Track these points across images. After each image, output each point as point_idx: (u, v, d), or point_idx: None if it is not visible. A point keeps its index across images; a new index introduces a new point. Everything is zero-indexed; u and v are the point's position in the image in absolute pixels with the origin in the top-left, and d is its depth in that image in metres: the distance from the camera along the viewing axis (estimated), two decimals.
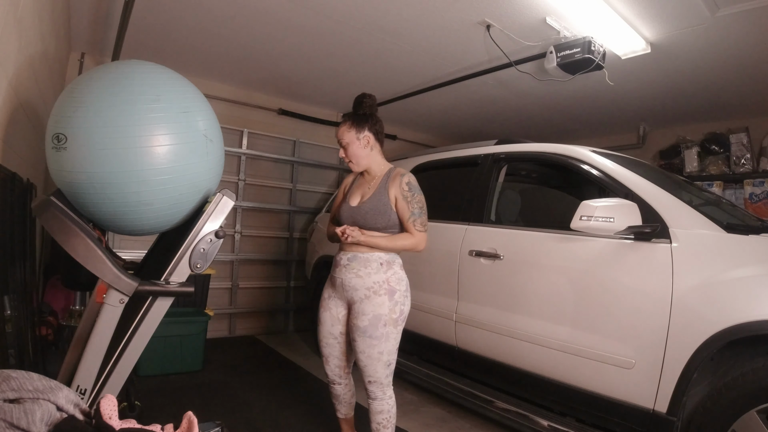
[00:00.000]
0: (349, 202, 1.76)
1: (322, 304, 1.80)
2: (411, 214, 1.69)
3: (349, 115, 1.77)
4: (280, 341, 3.88)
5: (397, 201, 1.69)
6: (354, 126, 1.73)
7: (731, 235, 1.58)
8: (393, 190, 1.70)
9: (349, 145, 1.73)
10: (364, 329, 1.64)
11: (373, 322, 1.63)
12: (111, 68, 1.21)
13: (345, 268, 1.69)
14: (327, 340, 1.80)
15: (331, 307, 1.78)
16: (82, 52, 3.14)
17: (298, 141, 4.30)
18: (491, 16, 2.35)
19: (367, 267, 1.66)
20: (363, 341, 1.65)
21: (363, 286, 1.66)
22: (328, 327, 1.78)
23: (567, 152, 2.14)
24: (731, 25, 2.24)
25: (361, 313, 1.65)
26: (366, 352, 1.65)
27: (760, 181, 3.44)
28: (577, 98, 3.53)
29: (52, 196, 1.12)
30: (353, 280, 1.67)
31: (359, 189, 1.79)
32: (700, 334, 1.48)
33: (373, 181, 1.77)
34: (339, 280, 1.72)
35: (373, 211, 1.68)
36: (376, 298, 1.64)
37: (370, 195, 1.72)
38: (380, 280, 1.66)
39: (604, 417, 1.76)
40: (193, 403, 2.40)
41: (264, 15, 2.50)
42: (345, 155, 1.76)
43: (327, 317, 1.78)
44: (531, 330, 1.98)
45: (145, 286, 1.15)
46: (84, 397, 1.13)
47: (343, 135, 1.74)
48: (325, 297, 1.80)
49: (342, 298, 1.74)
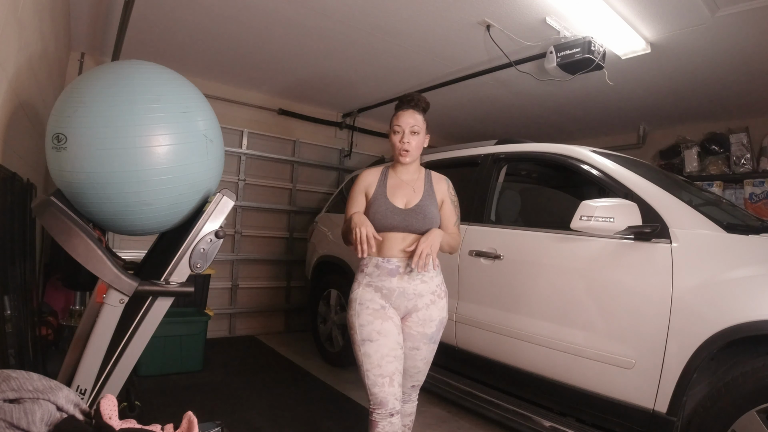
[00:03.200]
0: (395, 204, 1.58)
1: (376, 315, 1.52)
2: (457, 217, 1.69)
3: (420, 105, 1.61)
4: (280, 341, 3.88)
5: (444, 204, 1.65)
6: (425, 118, 1.62)
7: (731, 235, 1.58)
8: (440, 194, 1.65)
9: (419, 135, 1.58)
10: (431, 336, 1.58)
11: (439, 327, 1.60)
12: (111, 68, 1.21)
13: (407, 275, 1.54)
14: (396, 351, 1.51)
15: (392, 316, 1.54)
16: (82, 52, 3.14)
17: (298, 141, 4.30)
18: (491, 16, 2.35)
19: (429, 271, 1.58)
20: (428, 348, 1.59)
21: (428, 291, 1.57)
22: (395, 336, 1.51)
23: (567, 152, 2.14)
24: (731, 25, 2.24)
25: (429, 319, 1.57)
26: (427, 359, 1.62)
27: (760, 181, 3.43)
28: (577, 98, 3.53)
29: (52, 196, 1.12)
30: (419, 286, 1.55)
31: (398, 190, 1.62)
32: (700, 334, 1.48)
33: (415, 183, 1.64)
34: (398, 290, 1.54)
35: (430, 214, 1.58)
36: (440, 302, 1.60)
37: (421, 196, 1.61)
38: (439, 283, 1.62)
39: (604, 417, 1.76)
40: (193, 403, 2.40)
41: (264, 15, 2.50)
42: (406, 144, 1.56)
43: (392, 327, 1.52)
44: (531, 330, 1.97)
45: (145, 286, 1.15)
46: (84, 397, 1.13)
47: (419, 122, 1.58)
48: (376, 308, 1.53)
49: (398, 307, 1.56)
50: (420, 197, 1.61)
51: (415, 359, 1.60)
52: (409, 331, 1.57)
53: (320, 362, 3.30)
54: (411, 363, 1.60)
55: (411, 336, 1.57)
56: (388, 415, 1.45)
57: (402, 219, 1.56)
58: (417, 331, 1.57)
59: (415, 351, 1.59)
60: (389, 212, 1.56)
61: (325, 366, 3.22)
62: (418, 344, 1.58)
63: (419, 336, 1.57)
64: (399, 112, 1.60)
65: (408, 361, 1.59)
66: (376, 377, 1.46)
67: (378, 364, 1.46)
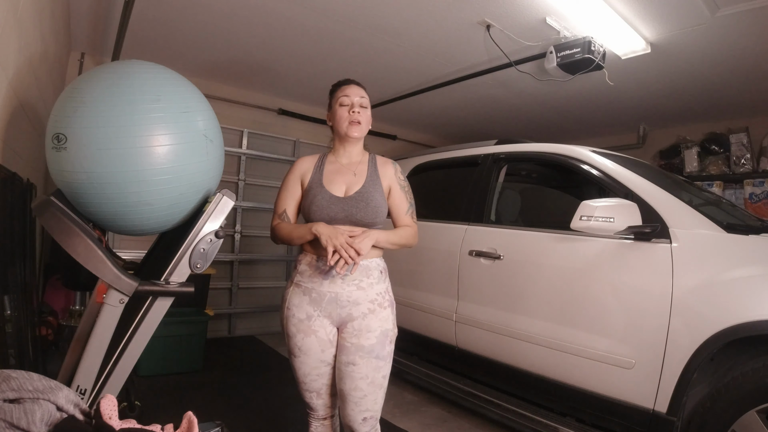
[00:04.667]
0: (332, 192, 1.39)
1: (300, 328, 1.36)
2: (409, 205, 1.49)
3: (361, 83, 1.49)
4: (280, 341, 3.85)
5: (391, 191, 1.46)
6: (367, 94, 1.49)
7: (731, 235, 1.58)
8: (386, 179, 1.45)
9: (367, 110, 1.45)
10: (370, 348, 1.33)
11: (381, 339, 1.35)
12: (111, 68, 1.21)
13: (341, 279, 1.34)
14: (319, 370, 1.38)
15: (317, 330, 1.35)
16: (82, 52, 3.14)
17: (298, 141, 4.30)
18: (491, 16, 2.35)
19: (369, 276, 1.37)
20: (368, 364, 1.33)
21: (366, 299, 1.35)
22: (317, 354, 1.36)
23: (567, 152, 2.14)
24: (731, 25, 2.24)
25: (366, 330, 1.34)
26: (369, 378, 1.33)
27: (760, 181, 3.44)
28: (577, 98, 3.53)
29: (52, 196, 1.12)
30: (354, 293, 1.34)
31: (337, 176, 1.43)
32: (700, 334, 1.48)
33: (357, 167, 1.45)
34: (329, 295, 1.34)
35: (373, 203, 1.38)
36: (382, 312, 1.37)
37: (363, 183, 1.41)
38: (382, 291, 1.39)
39: (604, 417, 1.76)
40: (193, 403, 2.40)
41: (264, 15, 2.50)
42: (356, 115, 1.41)
43: (314, 343, 1.35)
44: (531, 330, 1.97)
45: (145, 286, 1.15)
46: (84, 397, 1.13)
47: (366, 96, 1.46)
48: (301, 318, 1.36)
49: (330, 316, 1.36)
50: (362, 183, 1.41)
51: (354, 378, 1.33)
52: (344, 343, 1.36)
53: None
54: (350, 384, 1.33)
55: (345, 348, 1.35)
56: (321, 419, 1.47)
57: (341, 209, 1.36)
58: (351, 342, 1.34)
59: (351, 367, 1.33)
60: (326, 201, 1.37)
61: None
62: (353, 358, 1.33)
63: (353, 348, 1.34)
64: (344, 86, 1.46)
65: (347, 382, 1.34)
66: (303, 390, 1.43)
67: (302, 381, 1.41)
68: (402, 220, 1.48)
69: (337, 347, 1.38)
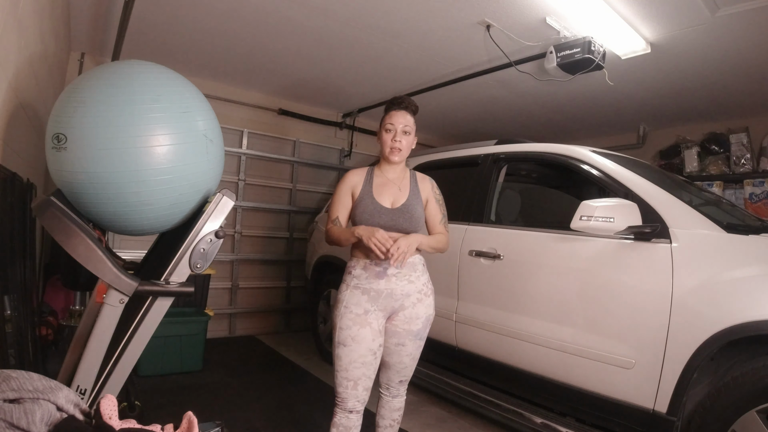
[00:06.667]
0: (382, 203, 1.60)
1: (356, 321, 1.54)
2: (443, 216, 1.72)
3: (411, 107, 1.66)
4: (280, 341, 3.88)
5: (428, 203, 1.69)
6: (414, 120, 1.67)
7: (731, 235, 1.58)
8: (425, 193, 1.69)
9: (410, 135, 1.63)
10: (417, 332, 1.62)
11: (426, 324, 1.64)
12: (111, 68, 1.21)
13: (395, 277, 1.57)
14: (365, 358, 1.54)
15: (371, 322, 1.55)
16: (82, 52, 3.14)
17: (298, 141, 4.30)
18: (491, 16, 2.35)
19: (415, 270, 1.61)
20: (413, 344, 1.63)
21: (415, 291, 1.60)
22: (368, 344, 1.54)
23: (567, 152, 2.14)
24: (731, 25, 2.24)
25: (415, 317, 1.60)
26: (413, 355, 1.65)
27: (760, 181, 3.43)
28: (577, 98, 3.53)
29: (52, 196, 1.12)
30: (406, 287, 1.58)
31: (384, 189, 1.64)
32: (700, 334, 1.48)
33: (401, 182, 1.67)
34: (386, 291, 1.56)
35: (417, 214, 1.62)
36: (426, 300, 1.63)
37: (407, 196, 1.63)
38: (426, 281, 1.65)
39: (604, 417, 1.76)
40: (193, 403, 2.40)
41: (264, 15, 2.50)
42: (398, 143, 1.60)
43: (368, 334, 1.54)
44: (531, 330, 1.97)
45: (145, 286, 1.15)
46: (84, 397, 1.13)
47: (410, 123, 1.63)
48: (359, 313, 1.55)
49: (384, 309, 1.58)
50: (406, 197, 1.64)
51: (401, 355, 1.63)
52: (395, 329, 1.61)
53: (320, 362, 3.30)
54: (397, 359, 1.64)
55: (397, 333, 1.61)
56: (348, 411, 1.57)
57: (389, 218, 1.58)
58: (403, 328, 1.61)
59: (401, 347, 1.62)
60: (376, 212, 1.58)
61: (325, 366, 3.21)
62: (403, 341, 1.61)
63: (405, 333, 1.61)
64: (391, 111, 1.64)
65: (394, 357, 1.64)
66: (341, 379, 1.56)
67: (345, 368, 1.55)
68: (437, 229, 1.70)
69: (387, 332, 1.61)
